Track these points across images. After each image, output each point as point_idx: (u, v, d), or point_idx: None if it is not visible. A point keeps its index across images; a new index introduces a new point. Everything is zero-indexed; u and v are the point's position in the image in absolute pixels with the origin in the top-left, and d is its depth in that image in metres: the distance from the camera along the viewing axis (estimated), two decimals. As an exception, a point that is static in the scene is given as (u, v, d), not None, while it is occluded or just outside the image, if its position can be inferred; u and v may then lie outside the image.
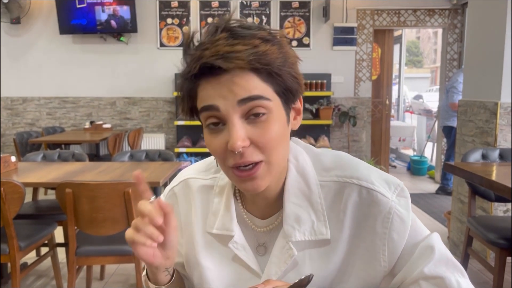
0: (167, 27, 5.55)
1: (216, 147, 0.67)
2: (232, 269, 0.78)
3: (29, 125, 5.76)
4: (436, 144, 6.16)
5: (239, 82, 0.63)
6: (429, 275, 0.70)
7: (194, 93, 0.68)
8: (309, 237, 0.73)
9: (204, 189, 0.82)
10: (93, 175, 2.55)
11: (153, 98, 5.70)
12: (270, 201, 0.76)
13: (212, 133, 0.67)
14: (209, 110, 0.66)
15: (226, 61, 0.62)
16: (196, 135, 5.46)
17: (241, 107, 0.64)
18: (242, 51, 0.62)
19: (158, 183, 2.35)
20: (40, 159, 3.11)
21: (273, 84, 0.66)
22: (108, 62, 5.64)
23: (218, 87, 0.64)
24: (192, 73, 0.65)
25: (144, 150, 3.20)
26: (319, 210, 0.74)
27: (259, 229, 0.78)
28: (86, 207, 2.14)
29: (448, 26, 5.65)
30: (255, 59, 0.62)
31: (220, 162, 0.69)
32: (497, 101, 2.91)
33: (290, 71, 0.67)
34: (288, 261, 0.73)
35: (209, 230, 0.79)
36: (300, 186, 0.75)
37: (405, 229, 0.72)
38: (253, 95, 0.64)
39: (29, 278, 2.87)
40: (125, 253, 2.24)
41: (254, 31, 0.65)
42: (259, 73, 0.64)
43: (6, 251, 2.24)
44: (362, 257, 0.73)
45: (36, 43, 5.61)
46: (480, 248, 3.02)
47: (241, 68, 0.63)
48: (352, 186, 0.73)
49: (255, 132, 0.65)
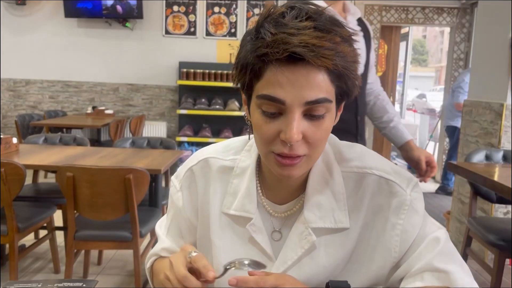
0: (173, 15, 5.52)
1: (267, 131, 0.66)
2: (245, 251, 0.78)
3: (31, 108, 5.75)
4: (438, 144, 6.15)
5: (313, 83, 0.63)
6: (435, 267, 0.71)
7: (260, 72, 0.65)
8: (329, 225, 0.75)
9: (223, 169, 0.82)
10: (94, 160, 2.54)
11: (156, 86, 5.68)
12: (291, 188, 0.77)
13: (266, 117, 0.66)
14: (274, 101, 0.64)
15: (316, 56, 0.60)
16: (198, 124, 5.45)
17: (305, 106, 0.64)
18: (328, 48, 0.61)
19: (160, 170, 2.34)
20: (42, 142, 3.11)
21: (338, 86, 0.66)
22: (113, 47, 5.61)
23: (291, 79, 0.62)
24: (275, 56, 0.61)
25: (146, 137, 3.19)
26: (340, 200, 0.75)
27: (276, 214, 0.79)
28: (86, 191, 2.13)
29: (456, 25, 5.61)
30: (338, 60, 0.62)
31: (263, 145, 0.69)
32: (503, 102, 2.90)
33: (355, 75, 0.67)
34: (306, 246, 0.74)
35: (225, 210, 0.80)
36: (324, 175, 0.76)
37: (418, 221, 0.74)
38: (320, 98, 0.64)
39: (26, 260, 2.87)
40: (124, 239, 2.24)
41: (337, 27, 0.64)
42: (332, 73, 0.64)
43: (5, 232, 2.24)
44: (373, 247, 0.75)
45: (41, 25, 5.58)
46: (478, 248, 3.02)
47: (316, 67, 0.62)
48: (372, 176, 0.75)
49: (310, 129, 0.66)
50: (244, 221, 0.78)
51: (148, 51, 5.59)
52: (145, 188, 2.19)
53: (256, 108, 0.67)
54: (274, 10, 0.65)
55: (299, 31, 0.61)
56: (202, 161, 0.84)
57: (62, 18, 5.48)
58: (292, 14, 0.63)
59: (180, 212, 0.85)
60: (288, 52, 0.60)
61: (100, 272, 2.76)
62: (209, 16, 5.53)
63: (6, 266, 2.56)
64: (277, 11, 0.65)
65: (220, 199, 0.81)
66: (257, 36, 0.64)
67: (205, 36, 5.56)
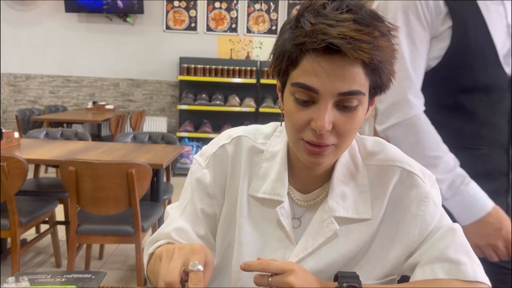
0: (173, 10, 5.50)
1: (298, 119, 0.68)
2: (269, 234, 0.79)
3: (32, 103, 5.74)
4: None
5: (347, 75, 0.63)
6: (448, 257, 0.72)
7: (297, 60, 0.66)
8: (352, 215, 0.76)
9: (253, 150, 0.82)
10: (96, 154, 2.54)
11: (156, 81, 5.67)
12: (317, 177, 0.79)
13: (298, 105, 0.68)
14: (307, 89, 0.65)
15: (353, 49, 0.61)
16: (199, 120, 5.45)
17: (338, 97, 0.65)
18: (366, 42, 0.62)
19: (161, 165, 2.35)
20: (43, 136, 3.11)
21: (372, 79, 0.67)
22: (113, 42, 5.60)
23: (326, 69, 0.63)
24: (313, 46, 0.62)
25: (147, 132, 3.19)
26: (364, 191, 0.77)
27: (300, 202, 0.80)
28: (88, 185, 2.14)
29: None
30: (374, 54, 0.63)
31: (294, 132, 0.70)
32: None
33: (391, 70, 0.68)
34: (327, 234, 0.76)
35: (253, 193, 0.80)
36: (349, 167, 0.78)
37: (437, 213, 0.76)
38: (354, 90, 0.65)
39: (28, 254, 2.88)
40: (126, 234, 2.25)
41: (376, 22, 0.65)
42: (367, 67, 0.64)
43: (7, 226, 2.25)
44: (392, 236, 0.76)
45: (41, 20, 5.56)
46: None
47: (353, 59, 0.62)
48: (395, 168, 0.77)
49: (341, 119, 0.67)
50: (272, 204, 0.78)
51: (149, 46, 5.58)
52: (147, 183, 2.20)
53: (290, 95, 0.69)
54: (315, 0, 0.66)
55: (338, 23, 0.62)
56: (235, 138, 0.83)
57: (62, 13, 5.46)
58: (333, 5, 0.64)
59: (206, 188, 0.81)
60: (325, 43, 0.61)
61: (101, 266, 2.77)
62: (210, 11, 5.52)
63: (8, 260, 2.56)
64: (319, 2, 0.66)
65: (248, 181, 0.81)
66: (296, 25, 0.66)
67: (206, 31, 5.55)
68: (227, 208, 0.83)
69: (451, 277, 0.71)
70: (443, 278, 0.71)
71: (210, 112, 5.32)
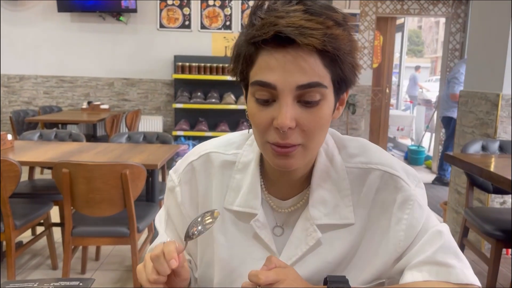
0: (167, 8, 5.48)
1: (261, 120, 0.66)
2: (249, 246, 0.78)
3: (26, 104, 5.71)
4: (434, 135, 6.17)
5: (303, 65, 0.61)
6: (437, 261, 0.71)
7: (252, 59, 0.65)
8: (334, 221, 0.74)
9: (225, 164, 0.81)
10: (90, 155, 2.53)
11: (151, 80, 5.65)
12: (294, 182, 0.77)
13: (260, 105, 0.66)
14: (265, 86, 0.64)
15: (302, 35, 0.59)
16: (194, 118, 5.43)
17: (297, 91, 0.63)
18: (317, 29, 0.60)
19: (156, 165, 2.33)
20: (37, 138, 3.09)
21: (333, 71, 0.64)
22: (107, 42, 5.57)
23: (281, 63, 0.62)
24: (262, 37, 0.61)
25: (142, 132, 3.17)
26: (345, 196, 0.75)
27: (280, 210, 0.78)
28: (83, 187, 2.12)
29: (451, 15, 5.60)
30: (328, 41, 0.60)
31: (259, 134, 0.68)
32: (499, 93, 2.90)
33: (352, 61, 0.65)
34: (311, 242, 0.74)
35: (228, 206, 0.79)
36: (329, 170, 0.76)
37: (422, 216, 0.74)
38: (313, 82, 0.62)
39: (24, 256, 2.87)
40: (121, 235, 2.24)
41: (329, 12, 0.63)
42: (323, 57, 0.62)
43: (2, 230, 2.23)
44: (378, 241, 0.75)
45: (34, 20, 5.53)
46: (475, 239, 3.04)
47: (308, 48, 0.60)
48: (376, 172, 0.75)
49: (304, 116, 0.64)
50: (248, 217, 0.77)
51: (143, 45, 5.56)
52: (142, 183, 2.19)
53: (251, 97, 0.67)
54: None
55: (288, 14, 0.61)
56: (203, 155, 0.82)
57: (55, 13, 5.43)
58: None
59: (178, 207, 0.83)
60: (274, 32, 0.60)
61: (98, 268, 2.76)
62: (204, 9, 5.49)
63: (4, 263, 2.55)
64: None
65: (222, 195, 0.80)
66: (249, 24, 0.66)
67: (200, 29, 5.53)
68: None
69: (441, 279, 0.70)
70: (434, 280, 0.70)
71: (206, 110, 5.31)
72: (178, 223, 0.84)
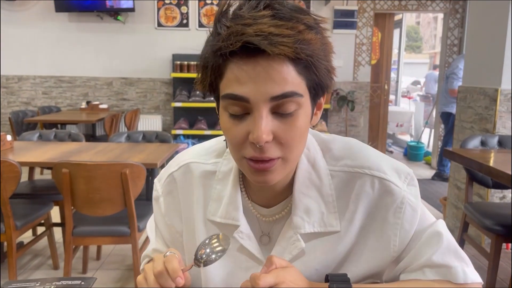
0: (165, 7, 5.47)
1: (235, 135, 0.62)
2: (235, 258, 0.76)
3: (25, 104, 5.70)
4: (434, 130, 6.17)
5: (275, 76, 0.58)
6: (437, 263, 0.70)
7: (220, 70, 0.61)
8: (319, 229, 0.71)
9: (205, 174, 0.78)
10: (89, 155, 2.53)
11: (150, 79, 5.64)
12: (277, 190, 0.73)
13: (233, 119, 0.62)
14: (237, 99, 0.60)
15: (271, 44, 0.55)
16: (193, 117, 5.43)
17: (272, 102, 0.59)
18: (287, 36, 0.56)
19: (156, 164, 2.33)
20: (36, 138, 3.09)
21: (307, 78, 0.61)
22: (105, 41, 5.56)
23: (252, 75, 0.58)
24: (229, 49, 0.57)
25: (141, 131, 3.17)
26: (329, 202, 0.72)
27: (264, 218, 0.76)
28: (83, 187, 2.13)
29: (449, 11, 5.59)
30: (300, 48, 0.57)
31: (234, 150, 0.64)
32: (498, 88, 2.90)
33: (327, 65, 0.62)
34: (294, 252, 0.72)
35: (211, 217, 0.76)
36: (311, 177, 0.72)
37: (415, 217, 0.72)
38: (287, 92, 0.59)
39: (25, 257, 2.87)
40: (122, 234, 2.24)
41: (299, 15, 0.59)
42: (296, 64, 0.58)
43: (3, 230, 2.24)
44: (371, 247, 0.72)
45: (31, 21, 5.52)
46: (475, 234, 3.04)
47: (279, 58, 0.57)
48: (364, 177, 0.71)
49: (280, 127, 0.61)
50: (231, 228, 0.74)
51: (141, 44, 5.55)
52: (141, 183, 2.19)
53: (224, 111, 0.63)
54: (232, 0, 0.62)
55: (255, 21, 0.57)
56: (183, 166, 0.80)
57: (53, 13, 5.41)
58: (250, 4, 0.59)
59: (163, 217, 0.82)
60: (242, 43, 0.56)
61: (99, 267, 2.77)
62: (202, 7, 5.49)
63: (5, 264, 2.55)
64: (235, 2, 0.61)
65: (204, 206, 0.77)
66: (214, 33, 0.61)
67: (198, 27, 5.52)
68: (187, 236, 0.80)
69: (442, 278, 0.70)
70: (435, 279, 0.70)
71: (205, 108, 5.31)
72: (165, 233, 0.84)
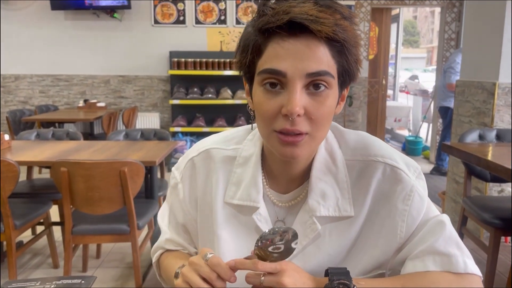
0: (161, 4, 5.45)
1: (269, 108, 0.66)
2: (250, 241, 0.76)
3: (22, 103, 5.69)
4: (432, 125, 6.17)
5: (313, 54, 0.64)
6: (438, 250, 0.72)
7: (261, 48, 0.66)
8: (333, 213, 0.75)
9: (225, 159, 0.81)
10: (88, 154, 2.52)
11: (147, 77, 5.63)
12: (294, 176, 0.77)
13: (268, 94, 0.67)
14: (275, 74, 0.65)
15: (315, 23, 0.62)
16: (192, 114, 5.43)
17: (307, 79, 0.64)
18: (328, 19, 0.63)
19: (154, 162, 2.33)
20: (34, 137, 3.08)
21: (339, 63, 0.67)
22: (102, 39, 5.54)
23: (292, 51, 0.64)
24: (275, 24, 0.63)
25: (139, 129, 3.17)
26: (344, 188, 0.76)
27: (280, 204, 0.79)
28: (81, 186, 2.13)
29: (446, 5, 5.59)
30: (337, 30, 0.63)
31: (265, 124, 0.68)
32: (495, 82, 2.90)
33: (356, 55, 0.68)
34: (310, 235, 0.75)
35: (229, 200, 0.79)
36: (328, 164, 0.77)
37: (423, 206, 0.75)
38: (322, 70, 0.64)
39: (25, 256, 2.87)
40: (121, 232, 2.24)
41: (337, 6, 0.66)
42: (332, 47, 0.65)
43: (2, 230, 2.23)
44: (378, 233, 0.75)
45: (27, 19, 5.49)
46: (474, 227, 3.05)
47: (319, 36, 0.63)
48: (377, 164, 0.76)
49: (312, 103, 0.66)
50: (249, 211, 0.77)
51: (138, 42, 5.54)
52: (140, 181, 2.19)
53: (258, 87, 0.68)
54: None
55: (299, 4, 0.64)
56: (203, 152, 0.83)
57: (48, 11, 5.39)
58: None
59: (180, 204, 0.84)
60: (288, 19, 0.62)
61: (99, 265, 2.77)
62: (198, 4, 5.47)
63: (5, 263, 2.55)
64: None
65: (222, 190, 0.80)
66: (259, 15, 0.67)
67: (195, 24, 5.51)
68: (202, 221, 0.82)
69: (443, 269, 0.71)
70: (435, 270, 0.71)
71: (203, 105, 5.30)
72: (180, 219, 0.86)
